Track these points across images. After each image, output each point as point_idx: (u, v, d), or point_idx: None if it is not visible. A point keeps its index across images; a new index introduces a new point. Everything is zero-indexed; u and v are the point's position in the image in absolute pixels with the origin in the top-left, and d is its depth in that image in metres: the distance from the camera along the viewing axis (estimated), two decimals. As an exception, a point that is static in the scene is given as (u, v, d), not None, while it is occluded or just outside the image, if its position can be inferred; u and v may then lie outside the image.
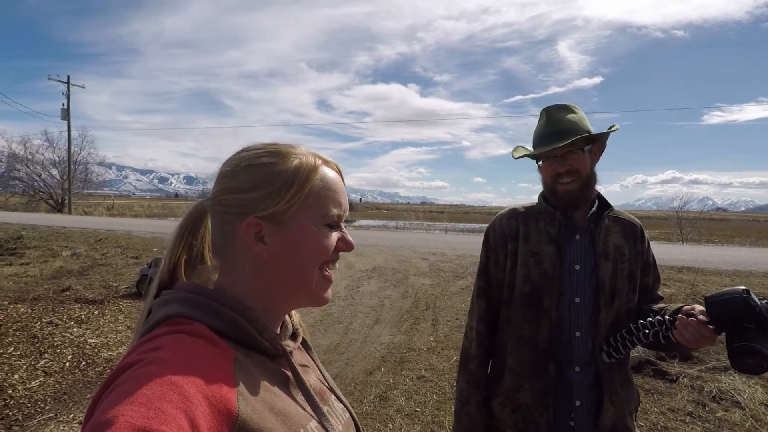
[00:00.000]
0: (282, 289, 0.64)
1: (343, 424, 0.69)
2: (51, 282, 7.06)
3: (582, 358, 1.29)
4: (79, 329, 4.57)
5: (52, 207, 29.88)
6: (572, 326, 1.30)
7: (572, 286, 1.32)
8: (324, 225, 0.64)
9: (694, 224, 21.78)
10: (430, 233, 20.01)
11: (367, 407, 3.26)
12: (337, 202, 0.66)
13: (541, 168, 1.38)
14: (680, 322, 1.06)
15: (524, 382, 1.32)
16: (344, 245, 0.68)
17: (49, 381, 3.51)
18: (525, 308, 1.34)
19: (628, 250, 1.34)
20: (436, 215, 45.39)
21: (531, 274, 1.33)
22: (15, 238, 11.49)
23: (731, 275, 7.60)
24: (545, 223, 1.37)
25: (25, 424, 2.94)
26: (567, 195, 1.32)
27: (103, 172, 37.37)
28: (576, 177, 1.31)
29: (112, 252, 9.92)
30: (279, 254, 0.62)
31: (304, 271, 0.64)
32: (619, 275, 1.31)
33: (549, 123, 1.34)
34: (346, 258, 9.18)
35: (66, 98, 28.31)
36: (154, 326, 0.57)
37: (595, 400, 1.29)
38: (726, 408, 3.25)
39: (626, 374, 1.34)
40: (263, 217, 0.62)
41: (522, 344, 1.34)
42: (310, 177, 0.63)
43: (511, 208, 1.48)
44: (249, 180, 0.63)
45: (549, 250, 1.33)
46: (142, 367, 0.47)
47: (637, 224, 1.41)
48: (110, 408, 0.42)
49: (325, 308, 5.85)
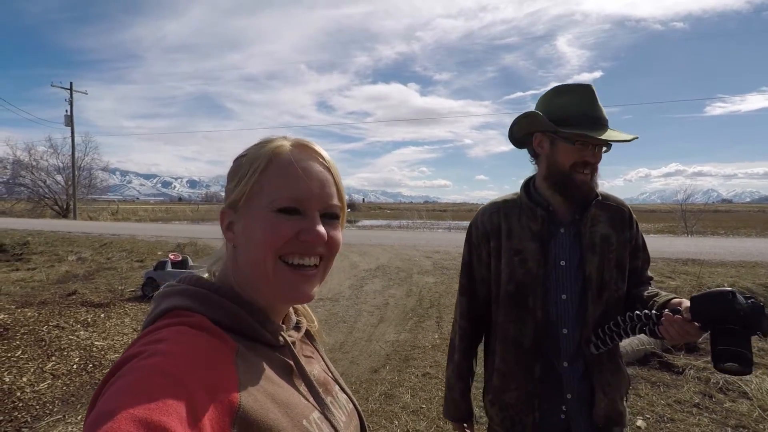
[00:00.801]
0: (249, 281, 0.62)
1: (347, 415, 0.69)
2: (57, 286, 7.10)
3: (569, 353, 1.27)
4: (86, 332, 4.59)
5: (57, 213, 30.06)
6: (559, 323, 1.27)
7: (558, 282, 1.27)
8: (274, 210, 0.60)
9: (698, 216, 21.65)
10: (434, 232, 20.00)
11: (373, 405, 3.27)
12: (292, 187, 0.60)
13: (560, 150, 1.24)
14: (666, 318, 1.04)
15: (510, 382, 1.30)
16: (307, 234, 0.60)
17: (56, 383, 3.53)
18: (510, 308, 1.30)
19: (615, 238, 1.29)
20: (440, 214, 45.31)
21: (515, 273, 1.28)
22: (21, 243, 11.57)
23: (737, 266, 7.56)
24: (527, 219, 1.31)
25: (34, 426, 2.97)
26: (585, 185, 1.24)
27: (107, 177, 37.62)
28: (593, 171, 1.25)
29: (117, 256, 9.97)
30: (241, 243, 0.63)
31: (257, 260, 0.60)
32: (607, 267, 1.27)
33: (594, 106, 1.22)
34: (350, 258, 9.23)
35: (69, 105, 28.50)
36: (156, 319, 0.57)
37: (587, 391, 1.27)
38: (733, 399, 3.24)
39: (616, 362, 1.31)
40: (228, 205, 0.64)
41: (507, 344, 1.31)
42: (268, 162, 0.62)
43: (491, 202, 1.42)
44: (231, 172, 0.67)
45: (532, 247, 1.28)
46: (143, 359, 0.47)
47: (625, 208, 1.35)
48: (111, 399, 0.42)
49: (330, 307, 5.87)
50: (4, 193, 32.57)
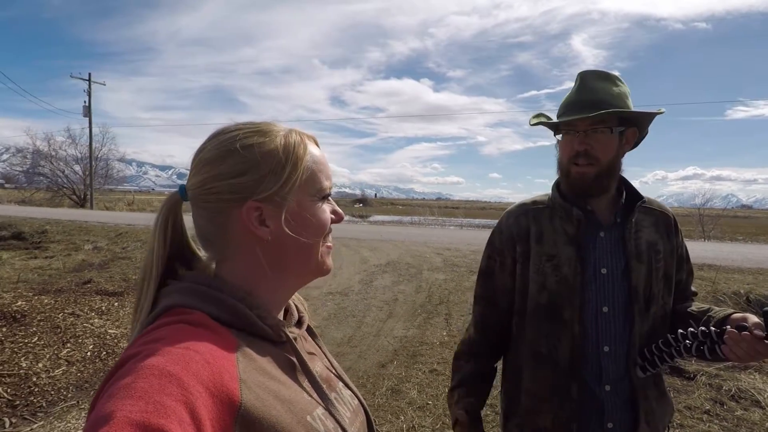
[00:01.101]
0: (291, 269, 0.65)
1: (352, 411, 0.68)
2: (73, 274, 7.25)
3: (612, 375, 1.11)
4: (100, 320, 4.69)
5: (75, 202, 30.63)
6: (600, 340, 1.11)
7: (598, 293, 1.12)
8: (320, 199, 0.65)
9: (716, 221, 21.21)
10: (445, 229, 19.93)
11: (379, 399, 3.29)
12: (327, 175, 0.67)
13: (560, 145, 1.17)
14: (731, 336, 0.91)
15: (543, 404, 1.15)
16: (336, 216, 0.69)
17: (71, 370, 3.61)
18: (542, 322, 1.16)
19: (662, 246, 1.15)
20: (452, 211, 45.10)
21: (547, 282, 1.14)
22: (40, 232, 11.84)
23: (754, 273, 7.40)
24: (561, 220, 1.16)
25: (49, 411, 3.04)
26: (579, 179, 1.12)
27: (124, 168, 38.18)
28: (593, 161, 1.09)
29: (132, 246, 10.13)
30: (283, 235, 0.61)
31: (310, 247, 0.64)
32: (655, 278, 1.13)
33: (581, 90, 1.12)
34: (360, 253, 9.25)
35: (87, 95, 28.95)
36: (155, 318, 0.56)
37: (630, 420, 1.12)
38: (745, 407, 3.17)
39: (661, 388, 1.18)
40: (262, 199, 0.60)
41: (539, 362, 1.16)
42: (300, 153, 0.63)
43: (519, 204, 1.29)
44: (239, 163, 0.60)
45: (568, 252, 1.13)
46: (140, 360, 0.46)
47: (671, 214, 1.22)
48: (108, 403, 0.41)
49: (339, 302, 5.90)
50: (24, 183, 33.29)
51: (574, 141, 1.11)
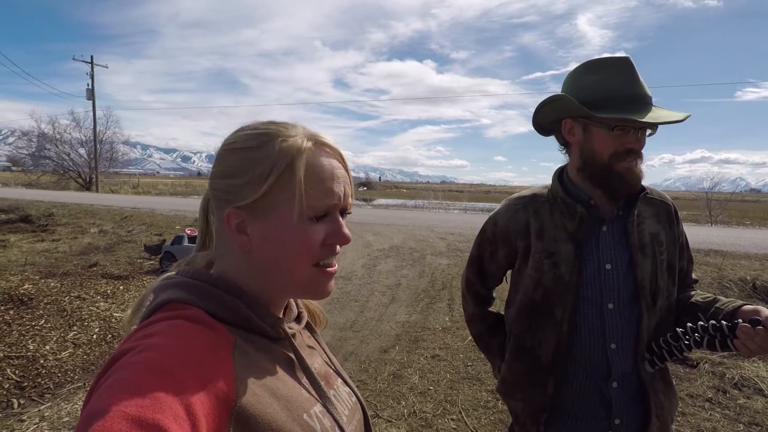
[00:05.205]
0: (273, 281, 0.61)
1: (350, 409, 0.68)
2: (79, 258, 7.33)
3: (619, 371, 1.10)
4: (106, 303, 4.74)
5: (81, 185, 30.82)
6: (606, 337, 1.09)
7: (604, 290, 1.10)
8: (308, 219, 0.57)
9: (724, 205, 21.01)
10: (449, 213, 19.90)
11: (381, 384, 3.31)
12: (326, 192, 0.58)
13: (595, 137, 1.06)
14: (744, 330, 0.90)
15: (516, 392, 1.21)
16: (337, 238, 0.60)
17: (77, 352, 3.67)
18: (531, 317, 1.16)
19: (665, 236, 1.14)
20: (456, 194, 45.01)
21: (544, 279, 1.12)
22: (46, 215, 11.95)
23: (761, 259, 7.34)
24: (562, 216, 1.14)
25: (56, 392, 3.10)
26: (631, 176, 1.06)
27: (128, 151, 38.29)
28: (640, 157, 1.07)
29: (137, 229, 10.21)
30: (263, 247, 0.58)
31: (290, 268, 0.59)
32: (660, 270, 1.11)
33: (634, 82, 1.04)
34: (364, 237, 9.24)
35: (90, 78, 28.85)
36: (152, 312, 0.56)
37: (638, 415, 1.11)
38: (748, 395, 3.17)
39: (667, 379, 1.17)
40: (242, 207, 0.57)
41: (519, 355, 1.19)
42: (292, 164, 0.57)
43: (517, 197, 1.25)
44: (233, 165, 0.59)
45: (567, 249, 1.11)
46: (135, 355, 0.46)
47: (670, 203, 1.20)
48: (103, 397, 0.41)
49: (342, 286, 5.92)
50: (30, 166, 33.47)
51: (627, 138, 1.03)
